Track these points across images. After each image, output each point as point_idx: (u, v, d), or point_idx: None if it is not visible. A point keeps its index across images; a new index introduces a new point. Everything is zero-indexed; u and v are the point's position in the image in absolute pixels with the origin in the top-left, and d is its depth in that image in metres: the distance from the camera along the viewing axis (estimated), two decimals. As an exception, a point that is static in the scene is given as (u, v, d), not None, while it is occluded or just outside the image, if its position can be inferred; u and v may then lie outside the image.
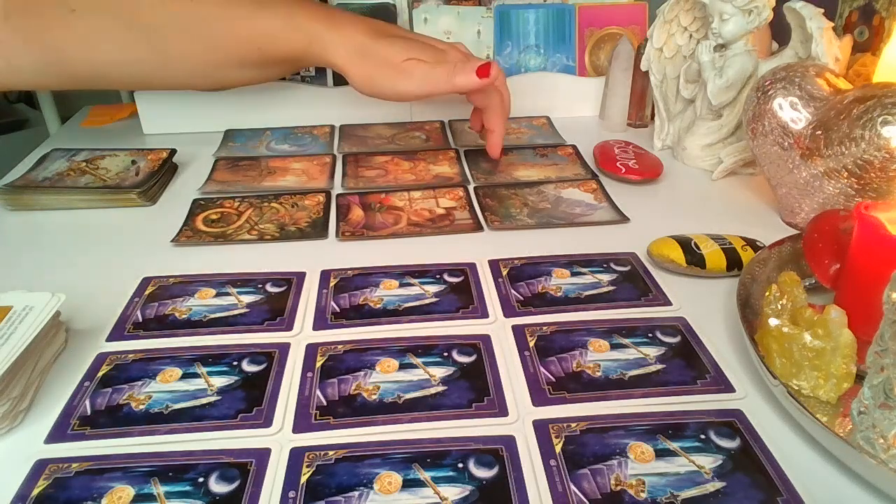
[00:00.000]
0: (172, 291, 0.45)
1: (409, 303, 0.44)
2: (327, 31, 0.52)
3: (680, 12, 0.64)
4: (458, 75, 0.51)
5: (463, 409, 0.35)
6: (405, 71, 0.51)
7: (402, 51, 0.51)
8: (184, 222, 0.54)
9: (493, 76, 0.51)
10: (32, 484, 0.31)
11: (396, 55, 0.51)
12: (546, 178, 0.62)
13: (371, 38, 0.51)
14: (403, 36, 0.54)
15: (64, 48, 0.52)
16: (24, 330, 0.35)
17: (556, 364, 0.38)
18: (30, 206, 0.56)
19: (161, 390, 0.36)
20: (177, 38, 0.52)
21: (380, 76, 0.51)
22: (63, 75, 0.54)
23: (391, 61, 0.51)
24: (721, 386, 0.37)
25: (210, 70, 0.55)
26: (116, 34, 0.52)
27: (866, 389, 0.31)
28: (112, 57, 0.53)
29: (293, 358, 0.39)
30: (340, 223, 0.54)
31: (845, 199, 0.49)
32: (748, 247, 0.47)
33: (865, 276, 0.38)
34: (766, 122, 0.52)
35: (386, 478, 0.31)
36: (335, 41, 0.52)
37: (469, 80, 0.51)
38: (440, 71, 0.51)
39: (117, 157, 0.62)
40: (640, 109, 0.74)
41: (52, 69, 0.53)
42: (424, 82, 0.51)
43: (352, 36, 0.51)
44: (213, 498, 0.30)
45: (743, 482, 0.31)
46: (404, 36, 0.54)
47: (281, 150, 0.68)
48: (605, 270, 0.47)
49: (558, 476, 0.31)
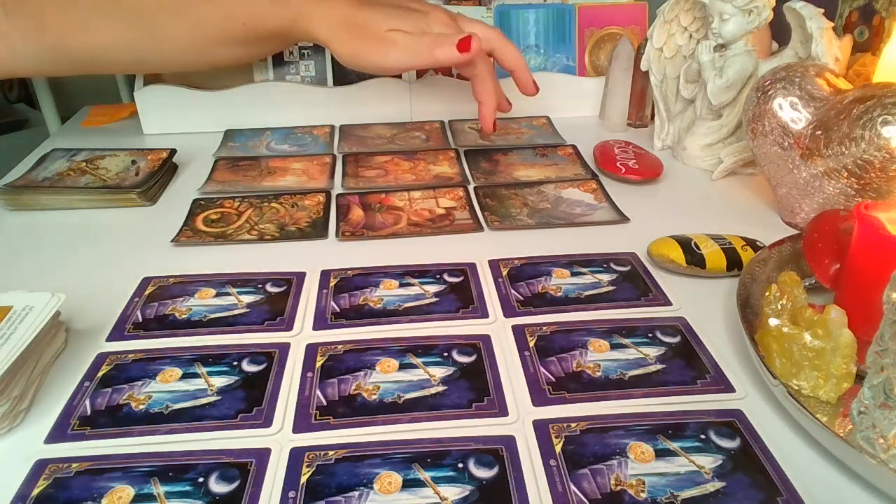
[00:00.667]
0: (172, 291, 0.45)
1: (409, 303, 0.44)
2: (311, 5, 0.52)
3: (680, 12, 0.64)
4: (438, 48, 0.50)
5: (463, 409, 0.35)
6: (388, 41, 0.50)
7: (385, 20, 0.50)
8: (184, 222, 0.54)
9: (475, 51, 0.50)
10: (32, 484, 0.31)
11: (379, 25, 0.50)
12: (546, 178, 0.62)
13: (354, 7, 0.51)
14: (389, 3, 0.53)
15: (61, 34, 0.52)
16: (24, 330, 0.35)
17: (556, 364, 0.38)
18: (30, 206, 0.56)
19: (161, 390, 0.36)
20: (166, 18, 0.52)
21: (364, 49, 0.51)
22: (61, 61, 0.55)
23: (374, 32, 0.50)
24: (721, 386, 0.37)
25: (199, 48, 0.55)
26: (109, 18, 0.52)
27: (866, 389, 0.31)
28: (107, 41, 0.53)
29: (293, 358, 0.39)
30: (340, 223, 0.54)
31: (845, 199, 0.49)
32: (748, 247, 0.47)
33: (865, 276, 0.38)
34: (766, 122, 0.52)
35: (386, 478, 0.31)
36: (319, 14, 0.52)
37: (450, 53, 0.50)
38: (422, 43, 0.50)
39: (117, 157, 0.62)
40: (640, 109, 0.74)
41: (50, 54, 0.54)
42: (407, 55, 0.51)
43: (336, 8, 0.51)
44: (213, 498, 0.30)
45: (743, 482, 0.31)
46: (391, 3, 0.53)
47: (281, 150, 0.68)
48: (605, 270, 0.47)
49: (558, 476, 0.31)
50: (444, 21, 0.54)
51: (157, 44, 0.54)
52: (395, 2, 0.55)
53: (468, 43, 0.50)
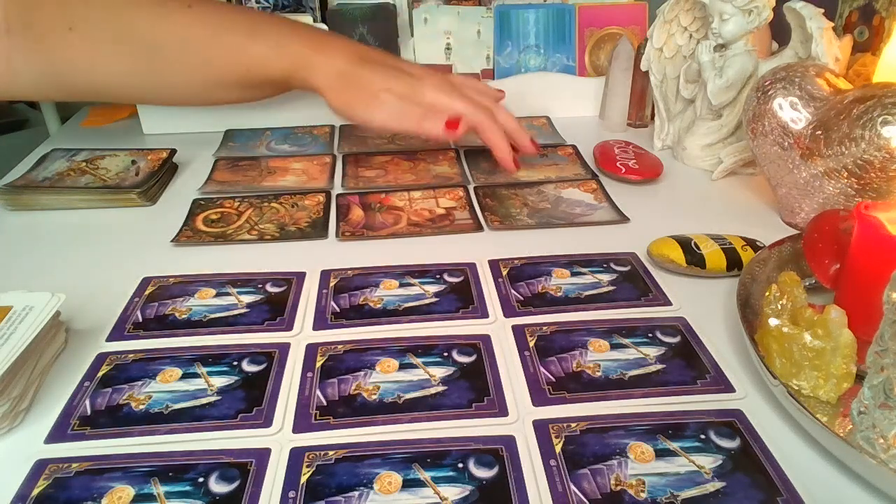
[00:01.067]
0: (172, 291, 0.45)
1: (409, 303, 0.44)
2: (313, 54, 0.53)
3: (680, 12, 0.64)
4: (427, 122, 0.51)
5: (463, 409, 0.35)
6: (379, 100, 0.51)
7: (381, 79, 0.51)
8: (184, 222, 0.54)
9: (461, 133, 0.51)
10: (32, 484, 0.31)
11: (375, 83, 0.51)
12: (546, 178, 0.62)
13: (354, 63, 0.52)
14: (387, 63, 0.53)
15: (63, 64, 0.53)
16: (24, 330, 0.35)
17: (556, 364, 0.38)
18: (30, 206, 0.56)
19: (161, 390, 0.36)
20: (170, 59, 0.53)
21: (355, 103, 0.52)
22: (63, 89, 0.55)
23: (368, 88, 0.51)
24: (721, 386, 0.37)
25: (200, 90, 0.56)
26: (113, 53, 0.53)
27: (866, 389, 0.31)
28: (109, 74, 0.54)
29: (293, 358, 0.39)
30: (340, 223, 0.54)
31: (845, 199, 0.49)
32: (748, 247, 0.47)
33: (865, 276, 0.38)
34: (766, 122, 0.52)
35: (386, 478, 0.31)
36: (319, 65, 0.53)
37: (437, 130, 0.51)
38: (413, 112, 0.51)
39: (117, 157, 0.62)
40: (640, 109, 0.74)
41: (52, 82, 0.54)
42: (394, 118, 0.52)
43: (335, 60, 0.52)
44: (213, 498, 0.30)
45: (743, 482, 0.31)
46: (388, 64, 0.54)
47: (281, 150, 0.68)
48: (605, 270, 0.47)
49: (558, 476, 0.31)
50: (438, 87, 0.54)
51: (159, 81, 0.55)
52: (392, 62, 0.55)
53: (457, 124, 0.50)
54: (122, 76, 0.54)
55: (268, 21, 0.55)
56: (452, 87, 0.54)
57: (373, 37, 0.75)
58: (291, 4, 0.78)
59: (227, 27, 0.53)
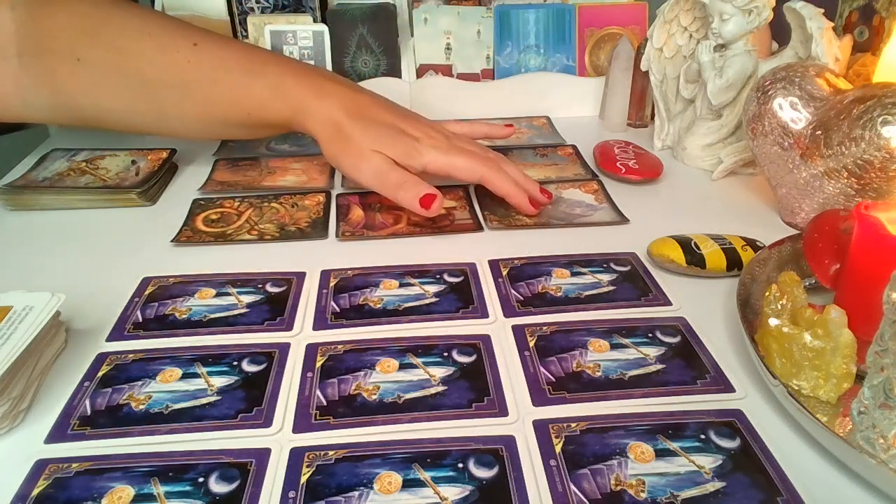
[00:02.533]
0: (172, 291, 0.45)
1: (409, 303, 0.44)
2: (311, 100, 0.54)
3: (680, 12, 0.64)
4: (402, 192, 0.51)
5: (463, 409, 0.35)
6: (365, 159, 0.52)
7: (371, 140, 0.52)
8: (184, 222, 0.54)
9: (434, 211, 0.51)
10: (32, 484, 0.31)
11: (364, 142, 0.52)
12: (546, 178, 0.62)
13: (348, 117, 0.53)
14: (383, 122, 0.54)
15: (70, 93, 0.54)
16: (24, 330, 0.35)
17: (556, 364, 0.38)
18: (30, 206, 0.56)
19: (161, 390, 0.36)
20: (171, 97, 0.54)
21: (342, 157, 0.53)
22: (73, 117, 0.56)
23: (358, 146, 0.52)
24: (721, 386, 0.37)
25: (203, 126, 0.57)
26: (117, 86, 0.54)
27: (866, 389, 0.31)
28: (113, 107, 0.55)
29: (293, 358, 0.39)
30: (340, 223, 0.54)
31: (845, 199, 0.49)
32: (748, 247, 0.47)
33: (865, 276, 0.38)
34: (766, 122, 0.52)
35: (386, 478, 0.31)
36: (316, 112, 0.53)
37: (411, 203, 0.51)
38: (392, 178, 0.52)
39: (117, 157, 0.62)
40: (640, 109, 0.74)
41: (62, 110, 0.55)
42: (376, 182, 0.52)
43: (332, 109, 0.53)
44: (213, 498, 0.30)
45: (743, 482, 0.31)
46: (385, 122, 0.54)
47: (281, 150, 0.68)
48: (605, 270, 0.47)
49: (558, 476, 0.31)
50: (436, 147, 0.53)
51: (163, 115, 0.56)
52: (391, 119, 0.54)
53: (430, 201, 0.51)
54: (124, 111, 0.55)
55: (271, 62, 0.56)
56: (451, 145, 0.54)
57: (373, 37, 0.75)
58: (291, 4, 0.78)
59: (230, 68, 0.54)
